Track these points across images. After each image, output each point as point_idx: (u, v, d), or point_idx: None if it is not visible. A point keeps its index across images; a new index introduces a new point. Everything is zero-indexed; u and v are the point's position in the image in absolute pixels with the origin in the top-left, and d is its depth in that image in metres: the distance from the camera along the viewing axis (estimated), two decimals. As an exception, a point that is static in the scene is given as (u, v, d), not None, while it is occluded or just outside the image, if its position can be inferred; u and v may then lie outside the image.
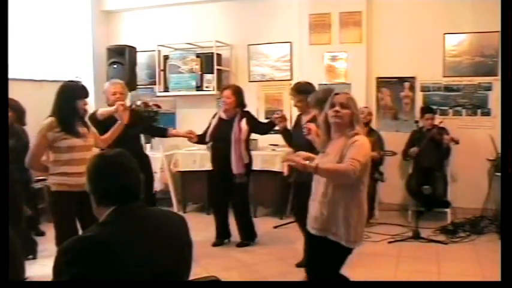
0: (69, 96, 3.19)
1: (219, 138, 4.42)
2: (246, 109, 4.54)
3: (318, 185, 2.64)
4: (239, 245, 4.51)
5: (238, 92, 4.45)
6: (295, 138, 3.97)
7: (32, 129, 5.36)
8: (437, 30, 5.55)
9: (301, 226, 3.54)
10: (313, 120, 3.56)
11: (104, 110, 3.82)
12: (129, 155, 1.73)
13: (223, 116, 4.47)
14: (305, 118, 4.02)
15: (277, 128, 4.29)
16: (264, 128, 4.65)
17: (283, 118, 4.15)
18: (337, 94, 2.65)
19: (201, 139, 4.53)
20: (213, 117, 4.58)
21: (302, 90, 4.02)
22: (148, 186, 4.13)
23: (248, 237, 4.56)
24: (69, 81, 3.43)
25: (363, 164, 2.45)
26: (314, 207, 2.66)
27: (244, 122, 4.39)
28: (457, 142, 5.16)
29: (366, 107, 5.46)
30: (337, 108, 2.55)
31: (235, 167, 4.35)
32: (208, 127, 4.53)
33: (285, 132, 4.17)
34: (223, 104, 4.45)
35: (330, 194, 2.54)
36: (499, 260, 2.24)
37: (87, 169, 1.69)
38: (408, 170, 5.49)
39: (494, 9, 4.74)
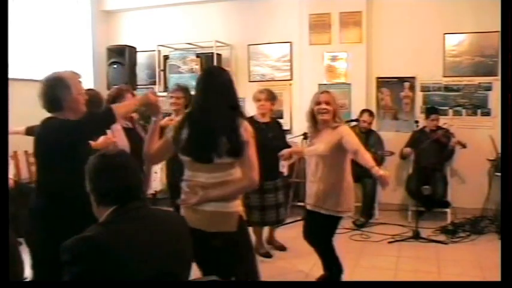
0: None
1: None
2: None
3: (309, 167, 3.26)
4: None
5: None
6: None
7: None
8: (437, 30, 5.55)
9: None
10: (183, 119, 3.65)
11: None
12: (129, 155, 1.73)
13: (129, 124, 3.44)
14: (175, 119, 3.51)
15: None
16: None
17: None
18: (322, 93, 3.22)
19: None
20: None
21: (186, 88, 4.23)
22: None
23: None
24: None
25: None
26: (310, 187, 3.25)
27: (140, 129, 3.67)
28: (464, 146, 5.16)
29: (367, 111, 5.46)
30: (323, 106, 3.10)
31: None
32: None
33: None
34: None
35: (320, 173, 3.15)
36: (499, 260, 2.24)
37: (87, 169, 1.68)
38: (408, 170, 5.49)
39: (494, 9, 4.74)
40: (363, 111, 5.47)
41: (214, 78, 2.26)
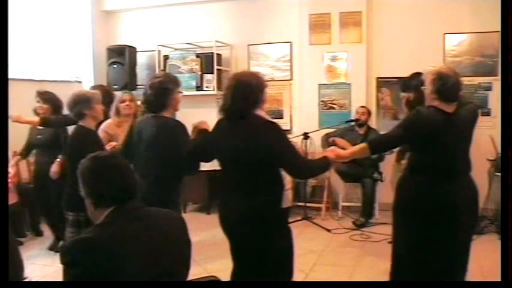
0: None
1: None
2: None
3: None
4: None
5: None
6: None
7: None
8: (437, 30, 5.55)
9: None
10: None
11: None
12: (121, 155, 1.73)
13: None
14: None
15: None
16: None
17: None
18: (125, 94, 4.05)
19: None
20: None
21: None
22: None
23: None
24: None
25: None
26: None
27: None
28: None
29: (363, 107, 5.51)
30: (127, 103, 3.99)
31: None
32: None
33: None
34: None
35: None
36: (499, 260, 2.24)
37: (80, 172, 1.65)
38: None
39: (494, 9, 4.73)
40: (359, 108, 5.53)
41: None
